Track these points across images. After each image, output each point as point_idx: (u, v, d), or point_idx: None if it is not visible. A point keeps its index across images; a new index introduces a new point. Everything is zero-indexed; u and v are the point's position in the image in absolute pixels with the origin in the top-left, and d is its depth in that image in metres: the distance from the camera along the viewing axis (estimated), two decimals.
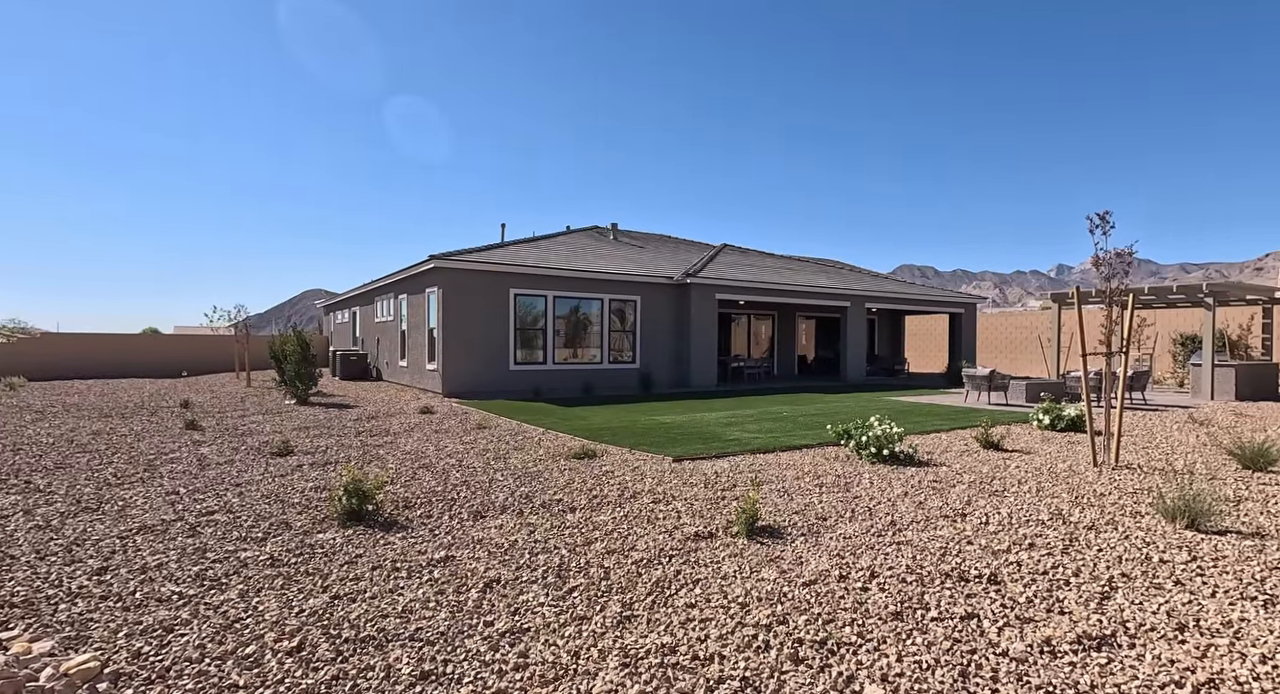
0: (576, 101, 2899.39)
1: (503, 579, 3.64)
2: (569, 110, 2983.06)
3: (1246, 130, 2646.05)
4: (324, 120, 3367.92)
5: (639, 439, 8.62)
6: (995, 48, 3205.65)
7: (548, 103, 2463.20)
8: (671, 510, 5.14)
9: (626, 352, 17.65)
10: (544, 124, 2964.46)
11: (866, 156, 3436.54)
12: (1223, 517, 4.77)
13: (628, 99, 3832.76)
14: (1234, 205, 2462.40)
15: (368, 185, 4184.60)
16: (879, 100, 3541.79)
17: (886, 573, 3.74)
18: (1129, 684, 2.54)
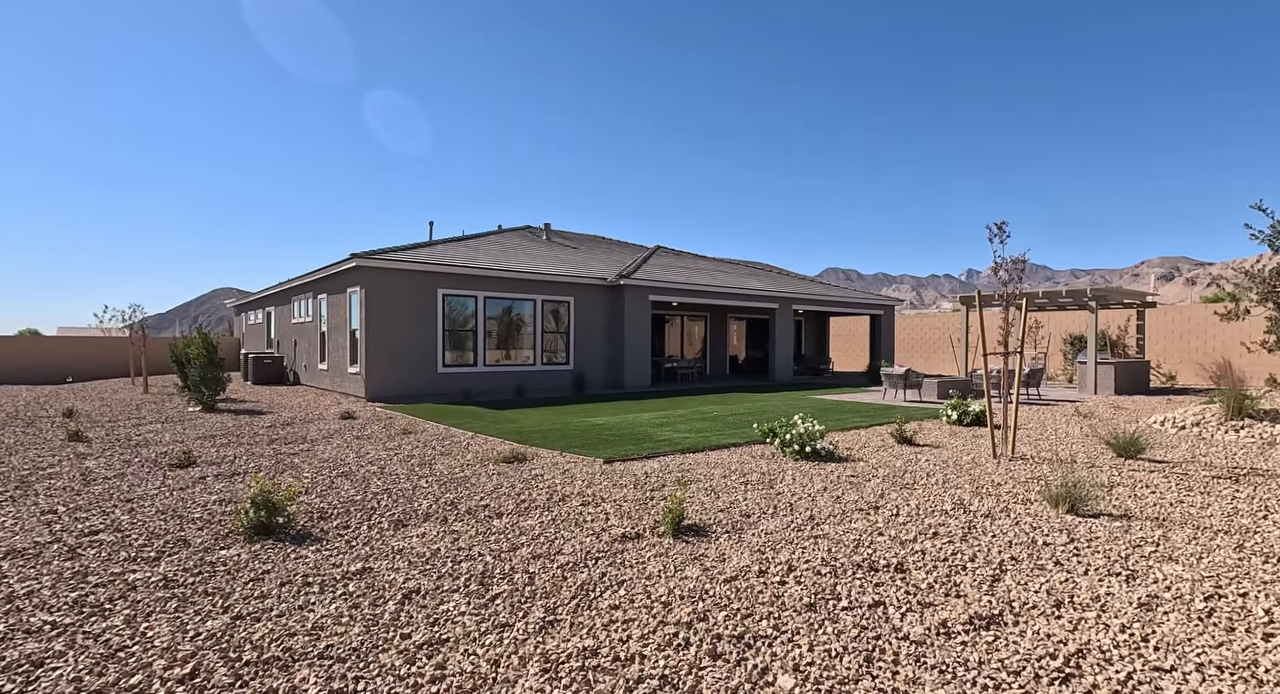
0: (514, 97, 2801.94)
1: (423, 589, 3.54)
2: (501, 107, 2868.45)
3: (1126, 142, 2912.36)
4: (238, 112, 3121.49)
5: (570, 441, 8.59)
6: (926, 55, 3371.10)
7: (480, 100, 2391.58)
8: (600, 512, 5.16)
9: (560, 353, 17.53)
10: (470, 121, 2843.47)
11: (802, 159, 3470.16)
12: (1098, 501, 5.27)
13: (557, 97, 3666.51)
14: (1118, 213, 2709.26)
15: (287, 181, 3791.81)
16: (814, 103, 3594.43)
17: (803, 566, 3.90)
18: (1010, 658, 2.77)
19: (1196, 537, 4.43)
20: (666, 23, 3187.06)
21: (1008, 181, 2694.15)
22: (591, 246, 23.99)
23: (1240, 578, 3.66)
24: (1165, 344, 21.17)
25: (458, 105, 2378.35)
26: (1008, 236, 7.74)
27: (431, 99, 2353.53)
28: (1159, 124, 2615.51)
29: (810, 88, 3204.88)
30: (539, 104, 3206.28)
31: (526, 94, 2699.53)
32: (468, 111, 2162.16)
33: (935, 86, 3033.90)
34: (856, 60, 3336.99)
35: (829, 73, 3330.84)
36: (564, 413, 12.10)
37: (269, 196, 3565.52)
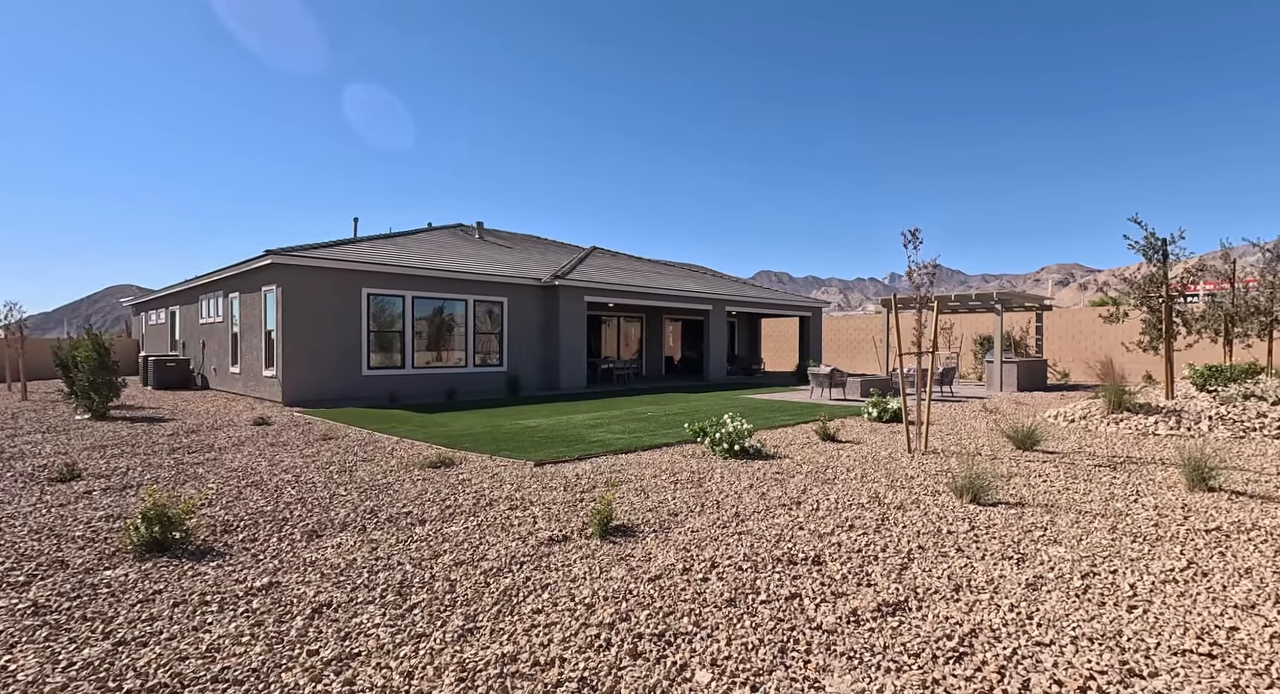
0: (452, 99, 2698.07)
1: (335, 603, 3.38)
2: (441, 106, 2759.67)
3: (1032, 153, 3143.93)
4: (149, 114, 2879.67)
5: (501, 444, 8.43)
6: (848, 65, 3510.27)
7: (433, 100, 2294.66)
8: (528, 516, 5.09)
9: (493, 354, 17.19)
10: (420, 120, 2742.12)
11: (733, 164, 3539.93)
12: (998, 491, 5.67)
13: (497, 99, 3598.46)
14: (1025, 221, 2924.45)
15: (197, 175, 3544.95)
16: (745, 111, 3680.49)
17: (726, 563, 3.99)
18: (912, 641, 2.94)
19: (1078, 520, 4.85)
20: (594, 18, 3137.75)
21: (928, 190, 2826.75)
22: (527, 246, 23.68)
23: (1112, 556, 4.04)
24: (1060, 344, 23.05)
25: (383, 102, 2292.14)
26: (921, 243, 8.21)
27: (351, 98, 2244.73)
28: (1058, 137, 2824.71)
29: (738, 96, 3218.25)
30: (476, 106, 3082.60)
31: (463, 96, 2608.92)
32: (394, 110, 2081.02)
33: (858, 97, 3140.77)
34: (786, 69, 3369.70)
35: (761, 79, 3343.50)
36: (496, 415, 11.87)
37: (177, 193, 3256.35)
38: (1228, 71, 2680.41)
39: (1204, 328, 13.99)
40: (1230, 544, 4.27)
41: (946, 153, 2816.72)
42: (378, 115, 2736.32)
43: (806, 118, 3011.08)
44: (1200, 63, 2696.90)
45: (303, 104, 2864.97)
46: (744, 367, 25.91)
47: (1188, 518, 4.89)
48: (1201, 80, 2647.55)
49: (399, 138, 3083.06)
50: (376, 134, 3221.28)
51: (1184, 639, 2.92)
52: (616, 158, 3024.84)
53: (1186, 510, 5.11)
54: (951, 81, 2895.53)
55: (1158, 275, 11.53)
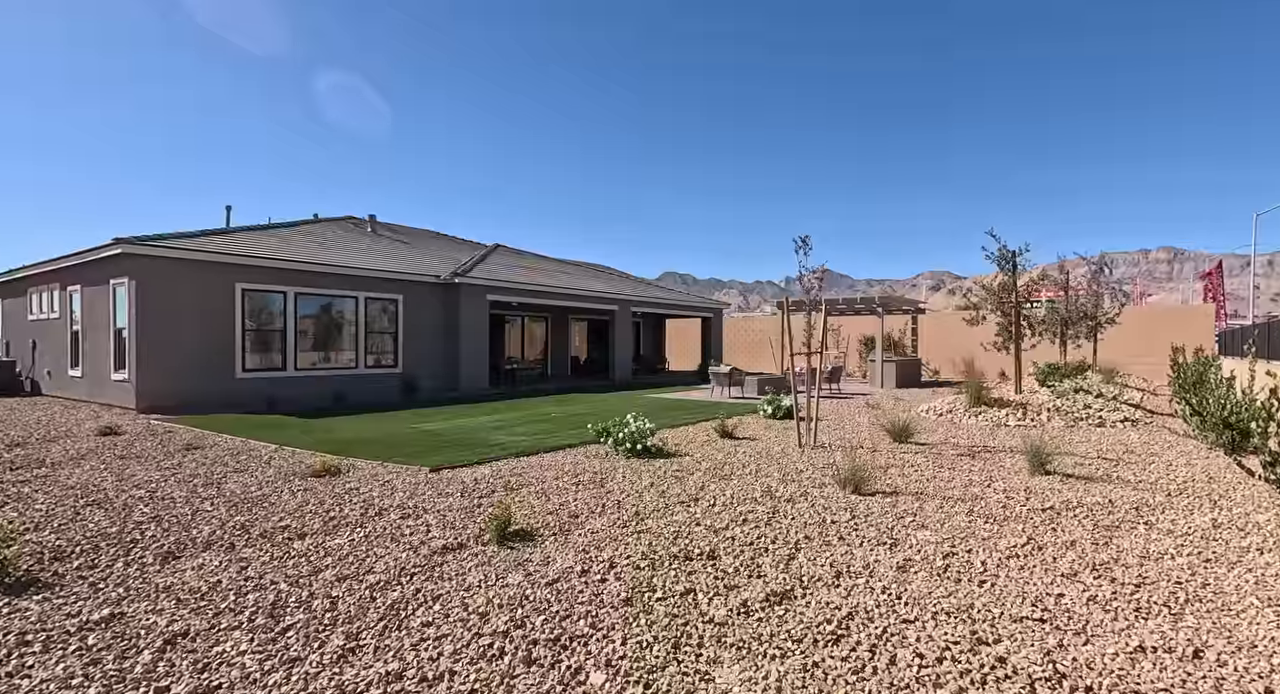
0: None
1: (193, 631, 3.05)
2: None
3: (914, 168, 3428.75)
4: None
5: (394, 450, 8.01)
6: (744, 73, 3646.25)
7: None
8: (421, 525, 4.87)
9: (387, 355, 16.29)
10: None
11: (641, 167, 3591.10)
12: (876, 482, 6.13)
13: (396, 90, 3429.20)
14: (907, 225, 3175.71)
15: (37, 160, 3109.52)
16: (658, 112, 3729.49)
17: (625, 562, 4.03)
18: (796, 627, 3.11)
19: (942, 506, 5.35)
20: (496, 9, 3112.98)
21: (821, 196, 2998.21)
22: (425, 242, 22.67)
23: (968, 537, 4.49)
24: (932, 344, 25.37)
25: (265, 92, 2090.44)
26: (810, 249, 8.71)
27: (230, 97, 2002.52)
28: (937, 154, 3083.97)
29: (646, 102, 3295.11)
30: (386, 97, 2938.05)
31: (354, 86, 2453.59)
32: (274, 98, 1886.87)
33: (752, 110, 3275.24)
34: (694, 82, 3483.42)
35: (665, 83, 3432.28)
36: (390, 419, 11.27)
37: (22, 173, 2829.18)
38: (1073, 99, 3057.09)
39: (1045, 330, 15.92)
40: (1060, 521, 4.89)
41: (835, 165, 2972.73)
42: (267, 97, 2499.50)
43: (712, 129, 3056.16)
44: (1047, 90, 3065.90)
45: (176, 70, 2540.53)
46: (649, 366, 26.32)
47: (1029, 499, 5.55)
48: (1061, 107, 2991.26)
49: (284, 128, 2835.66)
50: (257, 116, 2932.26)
51: (1022, 607, 3.30)
52: (533, 160, 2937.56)
53: (1028, 493, 5.78)
54: (842, 99, 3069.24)
55: (1009, 283, 12.98)
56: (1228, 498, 5.55)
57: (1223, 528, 4.68)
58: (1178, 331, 22.41)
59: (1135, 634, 3.00)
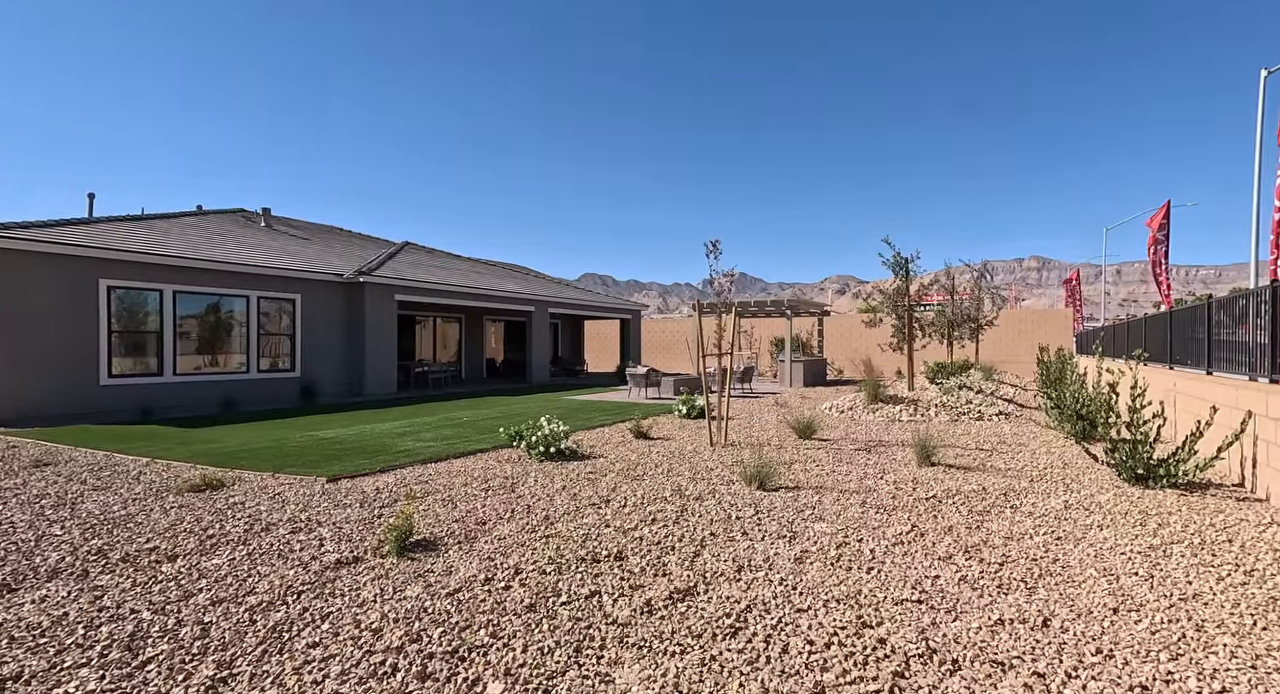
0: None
1: (28, 673, 2.70)
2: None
3: (822, 175, 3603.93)
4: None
5: (287, 460, 7.48)
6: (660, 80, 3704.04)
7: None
8: (314, 539, 4.58)
9: (284, 358, 15.22)
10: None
11: (558, 168, 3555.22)
12: (780, 477, 6.40)
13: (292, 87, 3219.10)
14: (814, 228, 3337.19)
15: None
16: (574, 114, 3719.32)
17: (531, 568, 3.97)
18: (697, 623, 3.19)
19: (839, 498, 5.67)
20: None
21: (736, 199, 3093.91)
22: (327, 238, 21.37)
23: (860, 527, 4.79)
24: (836, 345, 26.84)
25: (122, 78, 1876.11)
26: (720, 253, 8.97)
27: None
28: (842, 162, 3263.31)
29: (570, 105, 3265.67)
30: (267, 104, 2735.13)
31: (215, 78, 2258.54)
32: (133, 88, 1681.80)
33: (665, 115, 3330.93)
34: (607, 81, 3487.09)
35: (580, 89, 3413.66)
36: (285, 427, 10.52)
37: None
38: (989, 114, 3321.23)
39: (934, 332, 17.24)
40: (941, 508, 5.31)
41: (754, 168, 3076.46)
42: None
43: (627, 133, 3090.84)
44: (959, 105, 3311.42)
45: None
46: (567, 368, 26.13)
47: (915, 489, 5.99)
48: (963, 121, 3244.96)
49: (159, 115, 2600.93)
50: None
51: (903, 591, 3.56)
52: (446, 157, 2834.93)
53: (915, 483, 6.24)
54: (740, 100, 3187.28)
55: (902, 288, 13.96)
56: (1078, 482, 6.24)
57: (1073, 508, 5.26)
58: (1044, 333, 24.98)
59: (996, 609, 3.31)
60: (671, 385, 16.46)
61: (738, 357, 22.70)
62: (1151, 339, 10.71)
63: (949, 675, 2.68)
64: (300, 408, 13.48)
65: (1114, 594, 3.48)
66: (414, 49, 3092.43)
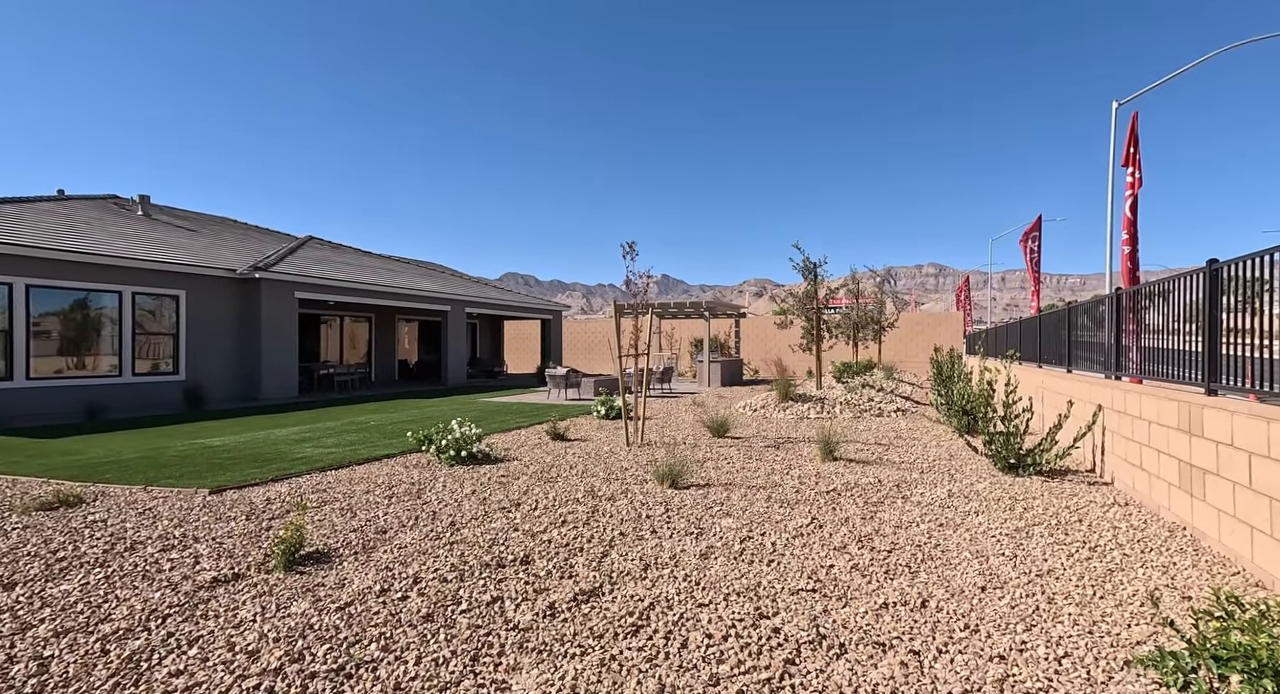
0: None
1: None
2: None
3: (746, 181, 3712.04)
4: None
5: (164, 471, 6.83)
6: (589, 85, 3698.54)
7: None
8: (188, 556, 4.19)
9: (165, 360, 13.89)
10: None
11: (475, 168, 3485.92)
12: (692, 475, 6.52)
13: None
14: (734, 234, 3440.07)
15: None
16: (488, 112, 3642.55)
17: (431, 576, 3.82)
18: (600, 624, 3.18)
19: (746, 494, 5.85)
20: None
21: (660, 204, 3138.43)
22: (218, 230, 19.72)
23: (764, 522, 4.96)
24: (752, 346, 27.77)
25: None
26: (637, 255, 9.04)
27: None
28: (761, 168, 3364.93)
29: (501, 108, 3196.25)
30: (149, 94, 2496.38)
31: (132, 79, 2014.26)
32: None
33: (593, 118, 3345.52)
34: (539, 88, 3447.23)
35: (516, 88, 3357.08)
36: (164, 435, 9.60)
37: None
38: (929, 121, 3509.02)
39: (840, 333, 18.18)
40: (840, 501, 5.60)
41: (675, 172, 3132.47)
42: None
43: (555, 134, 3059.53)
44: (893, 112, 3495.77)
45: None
46: (486, 370, 25.48)
47: (818, 483, 6.28)
48: None
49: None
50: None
51: (799, 581, 3.71)
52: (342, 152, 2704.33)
53: (818, 477, 6.55)
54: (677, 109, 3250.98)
55: (811, 291, 14.62)
56: (961, 472, 6.77)
57: (955, 497, 5.69)
58: (939, 334, 26.96)
59: (882, 593, 3.52)
60: (592, 386, 16.42)
61: (658, 357, 22.99)
62: (1025, 341, 11.80)
63: (836, 659, 2.81)
64: (184, 414, 12.35)
65: (983, 574, 3.79)
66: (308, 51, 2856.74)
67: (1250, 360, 3.90)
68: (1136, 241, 8.63)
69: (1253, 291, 3.96)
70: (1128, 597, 3.42)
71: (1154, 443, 5.04)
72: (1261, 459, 3.52)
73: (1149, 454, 5.15)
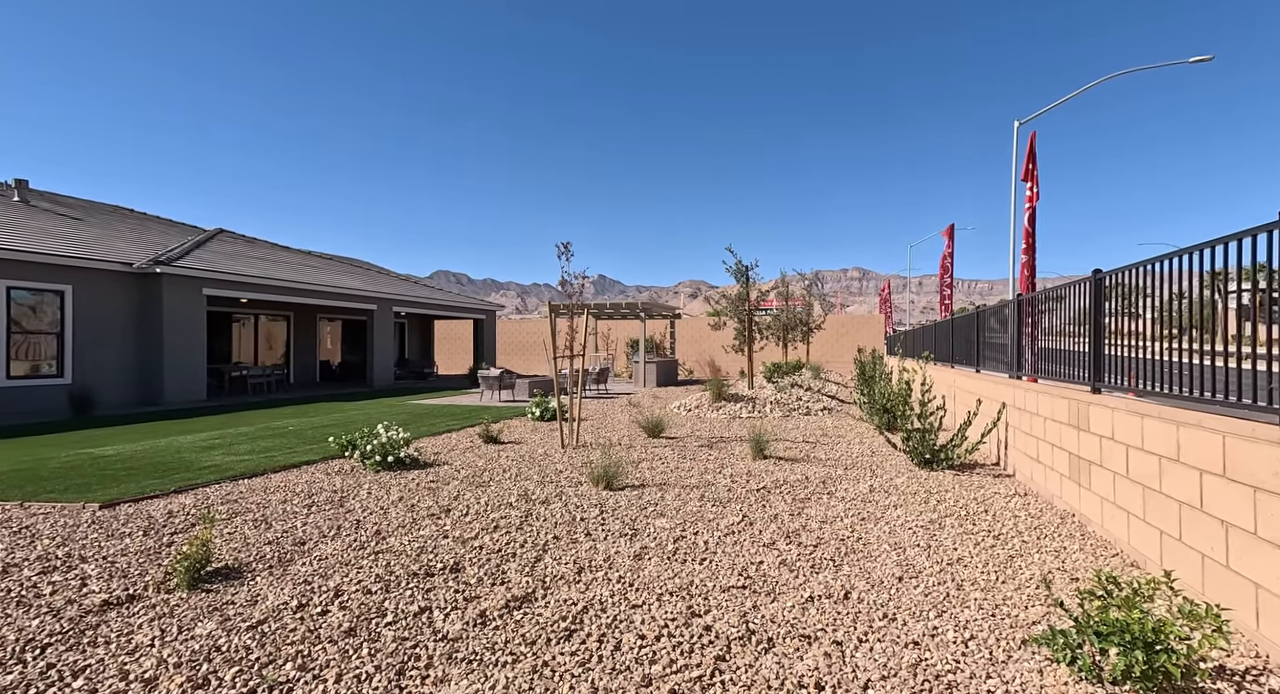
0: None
1: None
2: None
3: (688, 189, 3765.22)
4: None
5: (45, 485, 6.19)
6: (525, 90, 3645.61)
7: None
8: (73, 578, 3.82)
9: (48, 362, 12.60)
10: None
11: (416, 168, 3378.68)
12: (627, 476, 6.54)
13: None
14: (670, 238, 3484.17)
15: None
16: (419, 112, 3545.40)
17: (354, 588, 3.65)
18: (532, 630, 3.14)
19: (680, 494, 5.92)
20: None
21: (594, 209, 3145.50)
22: (109, 220, 18.09)
23: (697, 521, 5.04)
24: (687, 346, 28.18)
25: None
26: (572, 255, 8.98)
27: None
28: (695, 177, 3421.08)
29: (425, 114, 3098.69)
30: None
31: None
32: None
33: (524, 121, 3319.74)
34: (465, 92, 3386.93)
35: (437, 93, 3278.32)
36: (46, 444, 8.71)
37: None
38: None
39: (771, 334, 18.73)
40: (770, 498, 5.76)
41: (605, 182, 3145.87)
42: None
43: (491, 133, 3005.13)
44: None
45: None
46: (415, 371, 24.60)
47: (749, 481, 6.44)
48: None
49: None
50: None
51: (730, 578, 3.80)
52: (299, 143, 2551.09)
53: (749, 476, 6.72)
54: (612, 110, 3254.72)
55: (743, 294, 14.99)
56: (882, 467, 7.13)
57: (876, 491, 5.99)
58: (863, 336, 28.28)
59: (808, 587, 3.65)
60: (525, 387, 16.18)
61: (594, 358, 22.93)
62: (939, 342, 12.57)
63: (764, 654, 2.90)
64: (71, 421, 11.23)
65: (900, 565, 4.01)
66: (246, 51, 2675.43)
67: (1130, 361, 4.32)
68: (1034, 251, 9.36)
69: (1130, 299, 4.39)
70: (1025, 580, 3.71)
71: (1049, 437, 5.49)
72: (1137, 451, 3.90)
73: (1044, 448, 5.61)
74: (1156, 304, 4.12)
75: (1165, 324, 3.99)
